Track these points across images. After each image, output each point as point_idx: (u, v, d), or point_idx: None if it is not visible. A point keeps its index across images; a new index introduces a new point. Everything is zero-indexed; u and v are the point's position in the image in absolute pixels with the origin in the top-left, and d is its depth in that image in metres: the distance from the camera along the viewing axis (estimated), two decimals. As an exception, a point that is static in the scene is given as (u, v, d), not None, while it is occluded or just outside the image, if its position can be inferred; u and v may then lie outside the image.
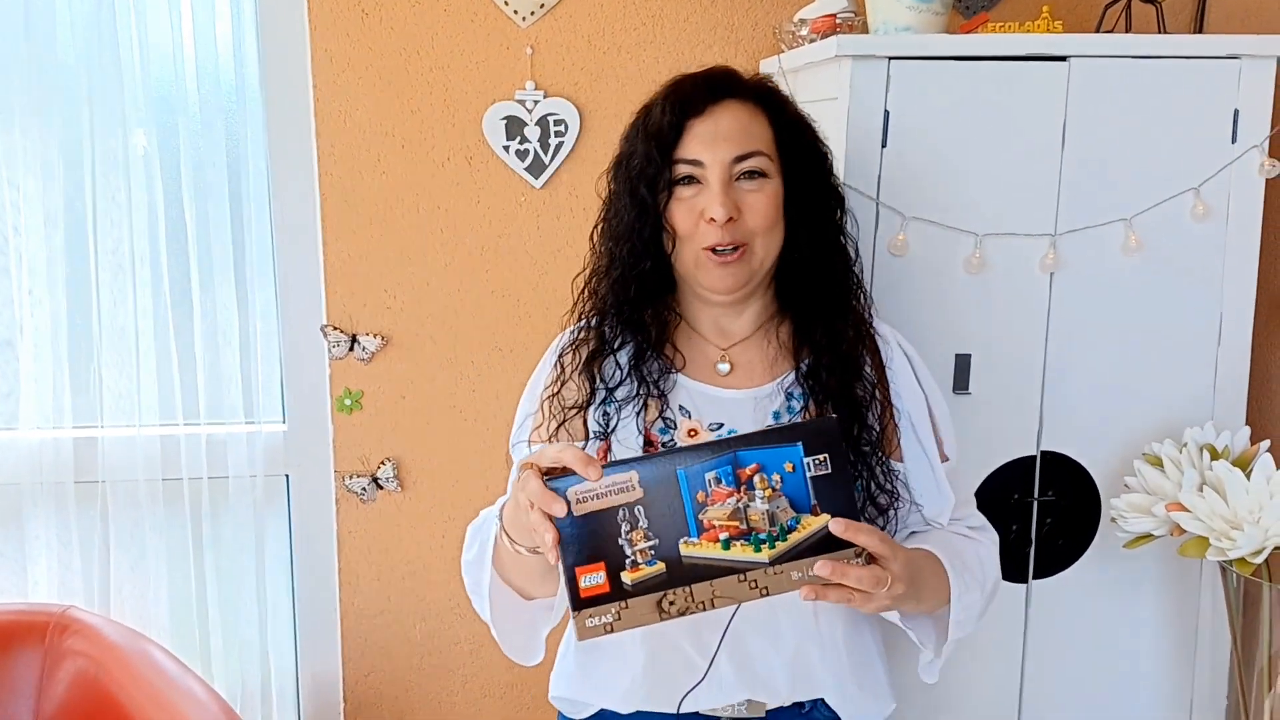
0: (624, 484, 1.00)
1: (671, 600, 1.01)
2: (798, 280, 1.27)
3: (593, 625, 1.01)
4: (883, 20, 1.63)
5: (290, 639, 2.12)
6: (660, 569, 1.01)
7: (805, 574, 1.03)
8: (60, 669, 1.74)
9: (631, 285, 1.25)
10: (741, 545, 1.02)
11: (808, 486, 1.03)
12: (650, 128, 1.23)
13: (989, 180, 1.61)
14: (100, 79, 1.89)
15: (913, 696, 1.72)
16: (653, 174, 1.21)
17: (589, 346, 1.28)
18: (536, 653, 1.27)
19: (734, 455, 1.02)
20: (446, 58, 1.95)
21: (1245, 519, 1.43)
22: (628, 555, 1.01)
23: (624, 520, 1.00)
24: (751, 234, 1.21)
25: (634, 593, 1.01)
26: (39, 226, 1.90)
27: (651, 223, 1.22)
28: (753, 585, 1.02)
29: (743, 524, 1.02)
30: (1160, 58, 1.60)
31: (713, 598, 1.02)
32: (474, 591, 1.22)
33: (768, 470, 1.02)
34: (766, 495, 1.02)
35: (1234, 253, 1.65)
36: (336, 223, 1.97)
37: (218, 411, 1.99)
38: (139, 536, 1.99)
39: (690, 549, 1.01)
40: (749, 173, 1.21)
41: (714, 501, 1.02)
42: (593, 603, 1.00)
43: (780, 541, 1.02)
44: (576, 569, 1.00)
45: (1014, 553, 1.70)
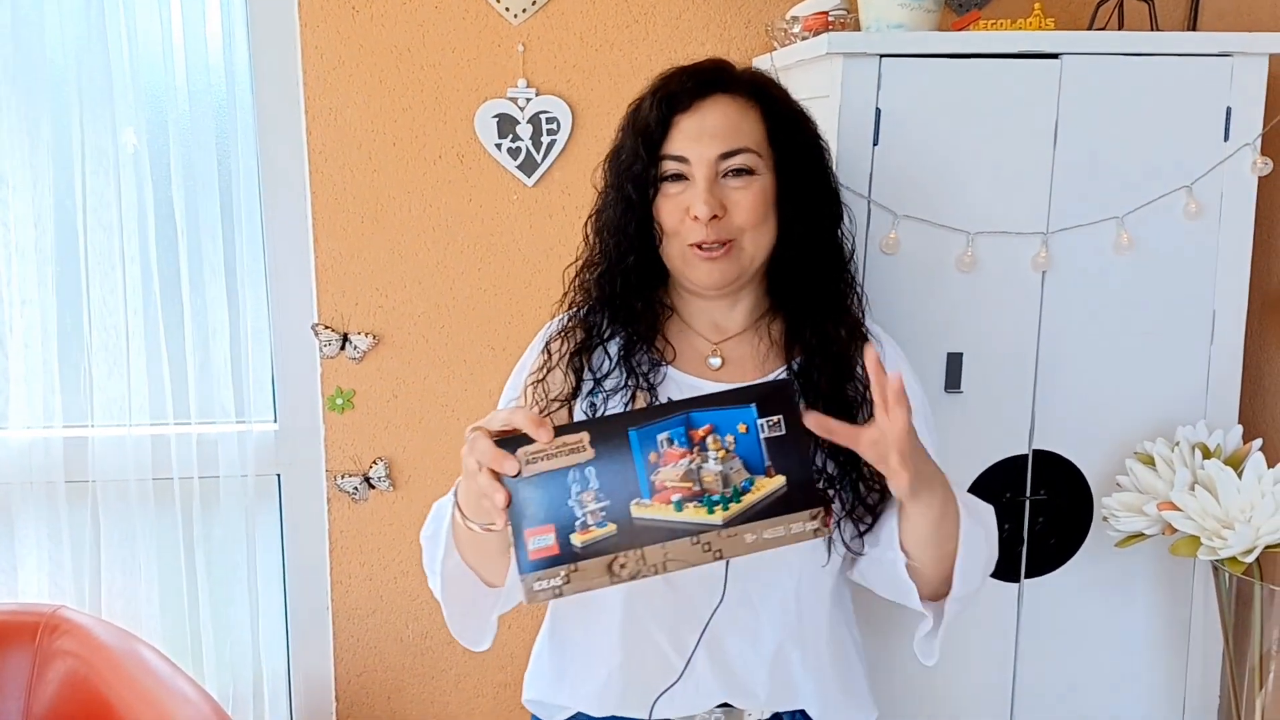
0: (575, 444, 0.99)
1: (623, 563, 0.99)
2: (790, 277, 1.26)
3: (541, 589, 0.99)
4: (874, 17, 1.63)
5: (282, 639, 2.12)
6: (611, 530, 0.99)
7: (759, 536, 1.01)
8: (50, 669, 1.74)
9: (617, 280, 1.24)
10: (694, 507, 1.00)
11: (761, 448, 1.01)
12: (639, 123, 1.23)
13: (981, 178, 1.60)
14: (90, 77, 1.88)
15: (906, 694, 1.72)
16: (640, 170, 1.21)
17: (578, 336, 1.27)
18: (486, 637, 1.25)
19: (687, 416, 1.00)
20: (438, 55, 1.94)
21: (1237, 518, 1.43)
22: (578, 517, 0.99)
23: (574, 481, 0.99)
24: (739, 230, 1.20)
25: (584, 555, 0.99)
26: (28, 225, 1.90)
27: (638, 219, 1.22)
28: (706, 548, 1.01)
29: (696, 485, 1.00)
30: (1152, 55, 1.59)
31: (665, 560, 1.00)
32: (428, 568, 1.20)
33: (721, 431, 1.01)
34: (720, 456, 1.01)
35: (1226, 251, 1.64)
36: (327, 221, 1.97)
37: (208, 411, 1.99)
38: (130, 536, 1.98)
39: (642, 510, 1.00)
40: (736, 170, 1.20)
41: (666, 462, 1.00)
42: (542, 565, 0.98)
43: (734, 503, 1.01)
44: (525, 531, 0.98)
45: (1006, 552, 1.69)
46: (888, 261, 1.61)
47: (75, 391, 1.96)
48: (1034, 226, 1.62)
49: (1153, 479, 1.53)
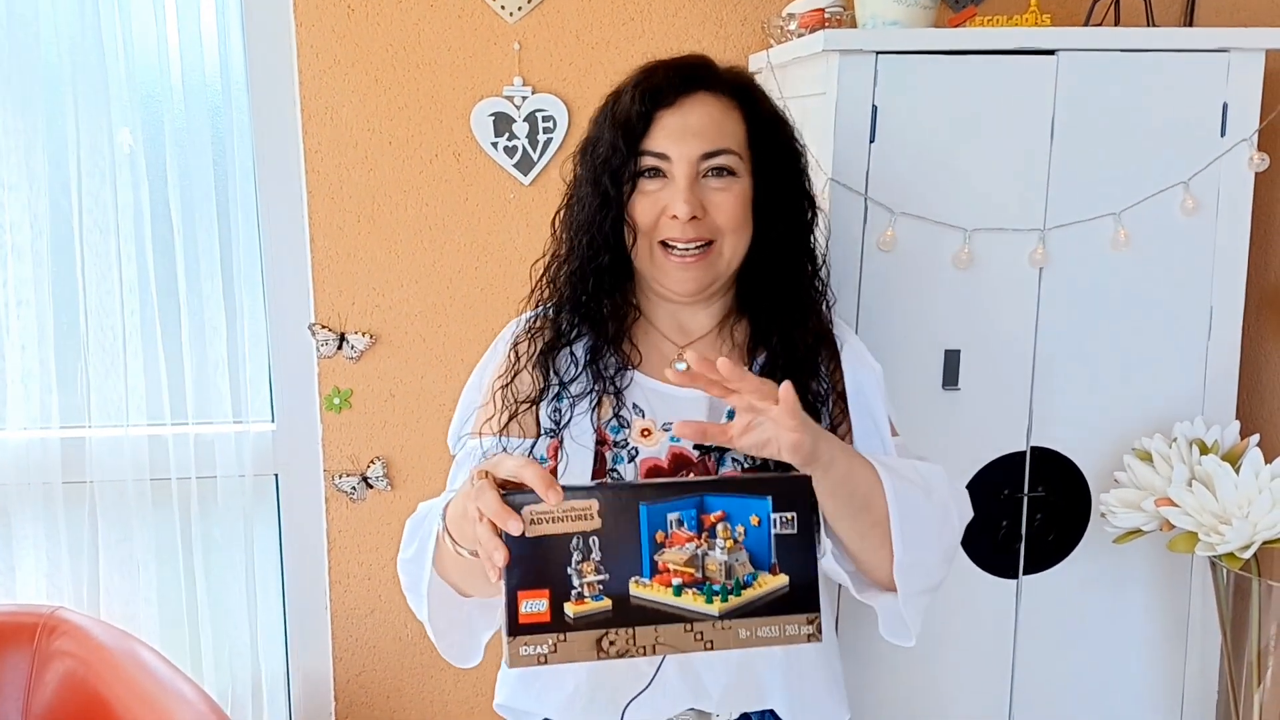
0: (583, 511, 0.97)
1: (612, 640, 0.97)
2: (761, 281, 1.23)
3: (526, 654, 0.96)
4: (870, 15, 1.63)
5: (280, 639, 2.12)
6: (606, 605, 0.97)
7: (753, 634, 0.99)
8: (49, 670, 1.73)
9: (589, 279, 1.21)
10: (694, 594, 0.98)
11: (770, 544, 0.99)
12: (619, 115, 1.19)
13: (978, 175, 1.60)
14: (85, 77, 1.87)
15: (904, 690, 1.72)
16: (618, 164, 1.17)
17: (544, 336, 1.24)
18: (475, 654, 1.23)
19: (700, 499, 0.99)
20: (433, 54, 1.94)
21: (1234, 514, 1.43)
22: (574, 586, 0.96)
23: (576, 549, 0.96)
24: (719, 231, 1.18)
25: (575, 626, 0.97)
26: (24, 225, 1.89)
27: (614, 215, 1.18)
28: (698, 637, 0.99)
29: (698, 572, 0.98)
30: (1149, 51, 1.59)
31: (655, 643, 0.98)
32: (410, 590, 1.18)
33: (732, 520, 0.99)
34: (727, 546, 0.99)
35: (1223, 247, 1.64)
36: (324, 220, 1.97)
37: (206, 411, 1.99)
38: (128, 537, 1.98)
39: (640, 589, 0.98)
40: (717, 170, 1.17)
41: (673, 544, 0.98)
42: (530, 630, 0.96)
43: (734, 596, 0.99)
44: (519, 592, 0.96)
45: (1004, 548, 1.70)
46: (885, 259, 1.61)
47: (72, 392, 1.95)
48: (1031, 223, 1.61)
49: (1150, 475, 1.53)
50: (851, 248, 1.61)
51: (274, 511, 2.08)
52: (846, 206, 1.59)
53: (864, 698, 1.72)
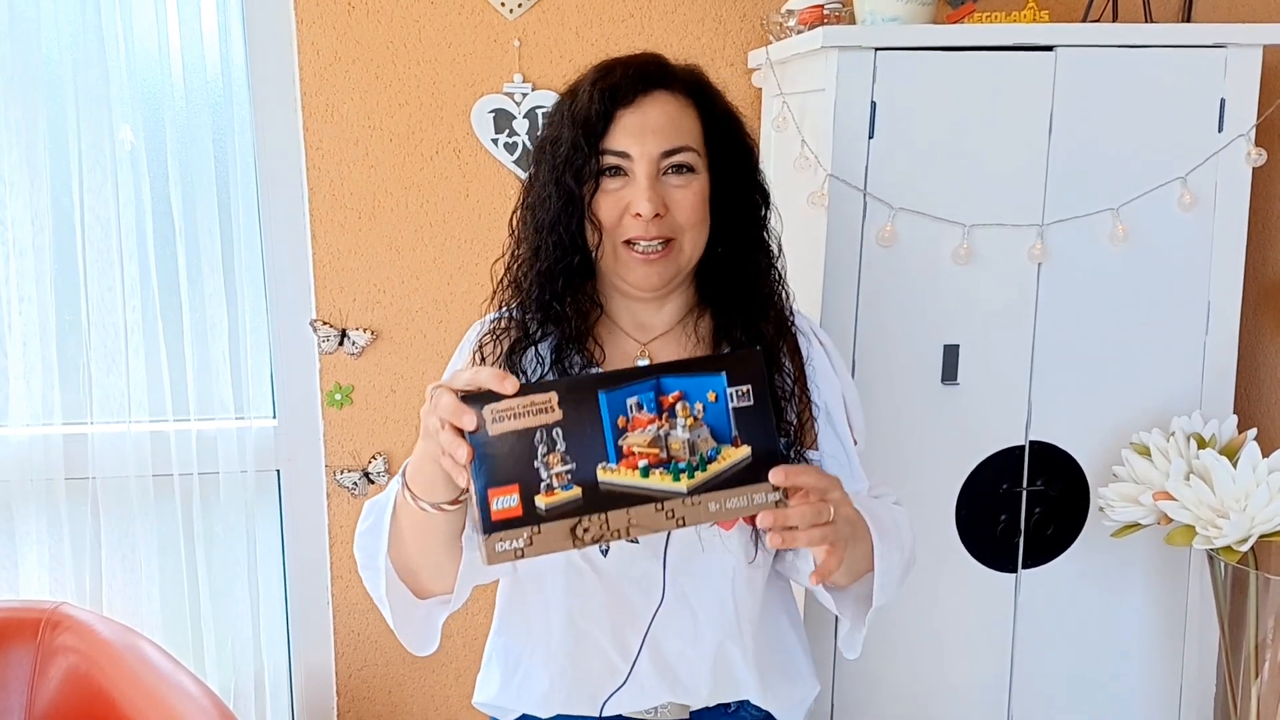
0: (543, 404, 0.97)
1: (586, 527, 0.98)
2: (719, 275, 1.25)
3: (503, 550, 0.97)
4: (869, 11, 1.63)
5: (283, 634, 2.12)
6: (576, 494, 0.98)
7: (722, 506, 1.01)
8: (52, 666, 1.74)
9: (559, 279, 1.21)
10: (660, 474, 1.00)
11: (730, 417, 1.01)
12: (578, 114, 1.19)
13: (976, 171, 1.61)
14: (86, 74, 1.88)
15: (904, 683, 1.73)
16: (579, 164, 1.17)
17: (510, 337, 1.25)
18: (431, 641, 1.23)
19: (657, 382, 1.00)
20: (434, 51, 1.94)
21: (1232, 507, 1.43)
22: (543, 479, 0.97)
23: (541, 443, 0.97)
24: (680, 229, 1.18)
25: (548, 517, 0.97)
26: (26, 222, 1.89)
27: (578, 215, 1.19)
28: (670, 515, 1.00)
29: (663, 452, 0.99)
30: (1147, 47, 1.60)
31: (628, 525, 0.99)
32: (366, 566, 1.17)
33: (690, 399, 1.00)
34: (688, 424, 1.00)
35: (1221, 242, 1.65)
36: (325, 217, 1.97)
37: (208, 407, 1.99)
38: (130, 533, 1.99)
39: (608, 475, 0.99)
40: (676, 167, 1.18)
41: (634, 428, 0.99)
42: (504, 526, 0.97)
43: (700, 471, 1.00)
44: (489, 490, 0.96)
45: (1003, 542, 1.71)
46: (884, 254, 1.61)
47: (74, 388, 1.96)
48: (1030, 219, 1.62)
49: (1148, 469, 1.54)
50: (851, 243, 1.61)
51: (276, 507, 2.09)
52: (846, 202, 1.60)
53: (863, 691, 1.73)
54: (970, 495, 1.69)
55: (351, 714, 2.13)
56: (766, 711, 1.31)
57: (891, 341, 1.63)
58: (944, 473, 1.68)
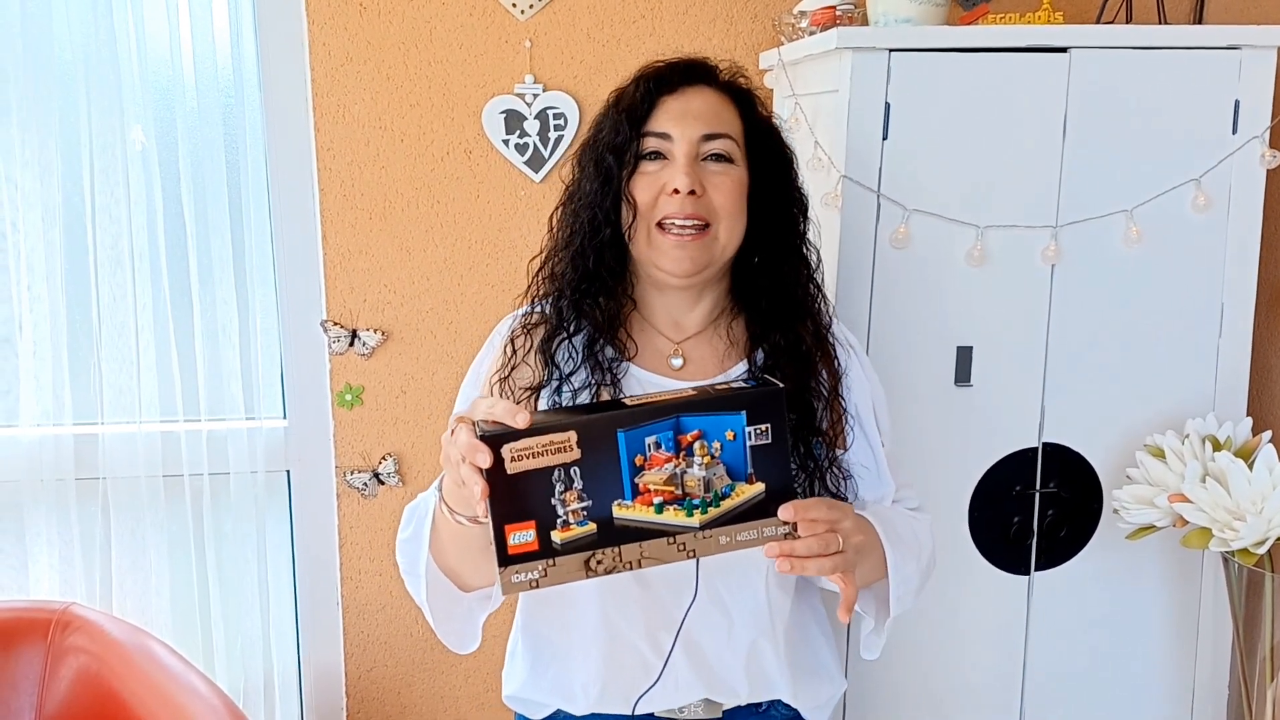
0: (562, 444, 0.99)
1: (599, 559, 1.01)
2: (754, 278, 1.25)
3: (518, 581, 1.00)
4: (883, 12, 1.63)
5: (292, 634, 2.12)
6: (591, 530, 1.01)
7: (732, 539, 1.03)
8: (63, 666, 1.74)
9: (591, 256, 1.22)
10: (675, 510, 1.02)
11: (746, 455, 1.02)
12: (623, 102, 1.22)
13: (990, 172, 1.61)
14: (98, 74, 1.88)
15: (917, 684, 1.73)
16: (620, 143, 1.20)
17: (543, 329, 1.26)
18: (473, 640, 1.25)
19: (676, 420, 1.01)
20: (445, 51, 1.94)
21: (1248, 510, 1.43)
22: (559, 515, 1.00)
23: (559, 480, 0.99)
24: (716, 213, 1.19)
25: (563, 551, 1.00)
26: (37, 223, 1.90)
27: (614, 192, 1.20)
28: (681, 548, 1.02)
29: (678, 489, 1.02)
30: (1161, 49, 1.59)
31: (640, 558, 1.02)
32: (408, 572, 1.20)
33: (709, 438, 1.02)
34: (705, 462, 1.02)
35: (1235, 244, 1.65)
36: (336, 217, 1.97)
37: (218, 408, 1.99)
38: (140, 533, 1.99)
39: (623, 511, 1.01)
40: (716, 155, 1.20)
41: (652, 466, 1.01)
42: (520, 559, 0.99)
43: (713, 507, 1.02)
44: (506, 526, 0.99)
45: (1016, 544, 1.70)
46: (898, 255, 1.61)
47: (85, 389, 1.96)
48: (1043, 220, 1.62)
49: (1163, 471, 1.53)
50: (864, 245, 1.61)
51: (286, 508, 2.09)
52: (859, 203, 1.60)
53: (877, 693, 1.72)
54: (983, 497, 1.68)
55: (361, 714, 2.13)
56: (795, 710, 1.31)
57: (905, 343, 1.63)
58: (957, 474, 1.68)
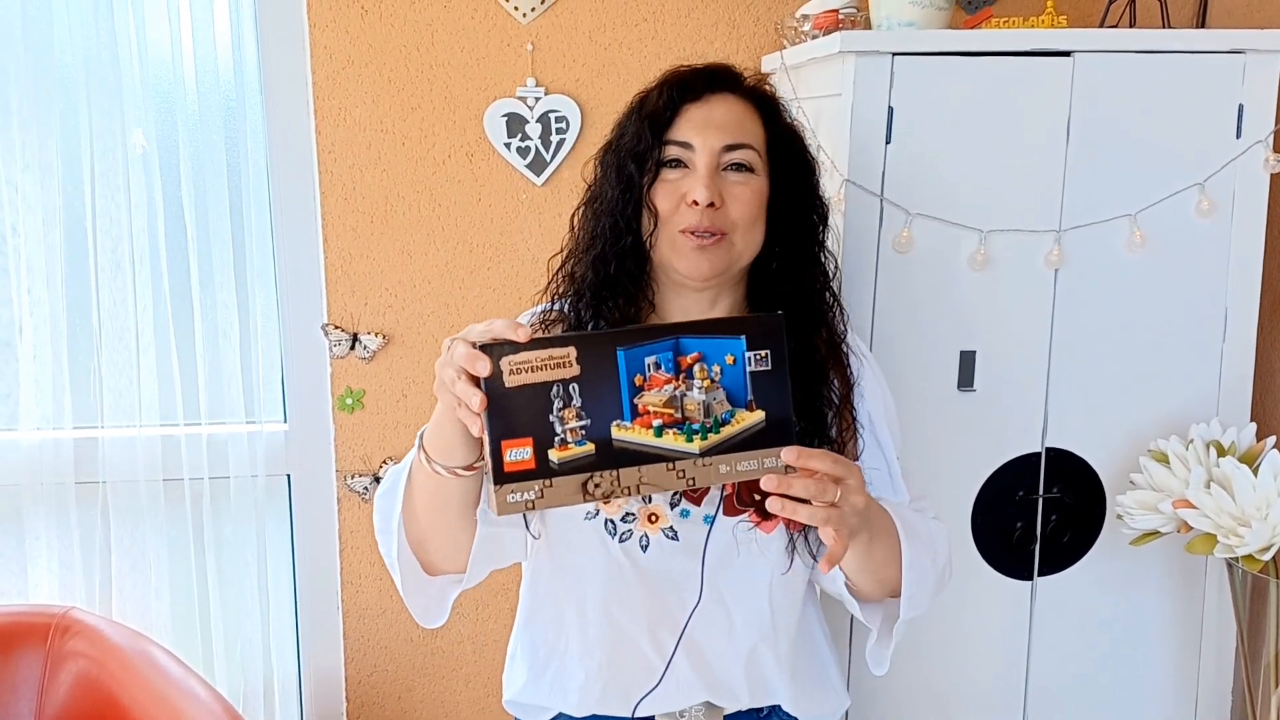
0: (561, 359, 0.97)
1: (597, 483, 0.99)
2: (771, 285, 1.25)
3: (514, 501, 0.97)
4: (886, 16, 1.63)
5: (292, 639, 2.12)
6: (589, 450, 0.98)
7: (732, 468, 1.01)
8: (62, 670, 1.73)
9: (612, 262, 1.22)
10: (674, 434, 1.00)
11: (746, 381, 1.01)
12: (646, 108, 1.22)
13: (993, 176, 1.60)
14: (99, 77, 1.88)
15: (920, 690, 1.72)
16: (642, 151, 1.20)
17: (560, 328, 1.26)
18: (440, 615, 1.24)
19: (676, 342, 1.00)
20: (447, 54, 1.94)
21: (1253, 515, 1.42)
22: (557, 433, 0.97)
23: (557, 397, 0.97)
24: (733, 225, 1.19)
25: (560, 471, 0.98)
26: (38, 226, 1.89)
27: (635, 200, 1.20)
28: (680, 475, 1.01)
29: (678, 412, 1.00)
30: (1164, 53, 1.59)
31: (639, 483, 1.00)
32: (382, 530, 1.18)
33: (708, 360, 1.01)
34: (705, 386, 1.00)
35: (1239, 248, 1.64)
36: (337, 221, 1.97)
37: (218, 411, 1.99)
38: (140, 537, 1.98)
39: (622, 432, 0.99)
40: (737, 165, 1.19)
41: (651, 387, 1.00)
42: (516, 478, 0.97)
43: (713, 434, 1.01)
44: (503, 442, 0.96)
45: (1019, 550, 1.70)
46: (901, 259, 1.61)
47: (85, 392, 1.96)
48: (1047, 224, 1.61)
49: (1167, 477, 1.53)
50: (867, 249, 1.61)
51: (286, 512, 2.08)
52: (862, 207, 1.59)
53: (878, 699, 1.72)
54: (986, 502, 1.68)
55: (361, 719, 2.12)
56: (794, 718, 1.30)
57: (908, 347, 1.63)
58: (960, 479, 1.67)
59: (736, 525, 1.22)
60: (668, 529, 1.21)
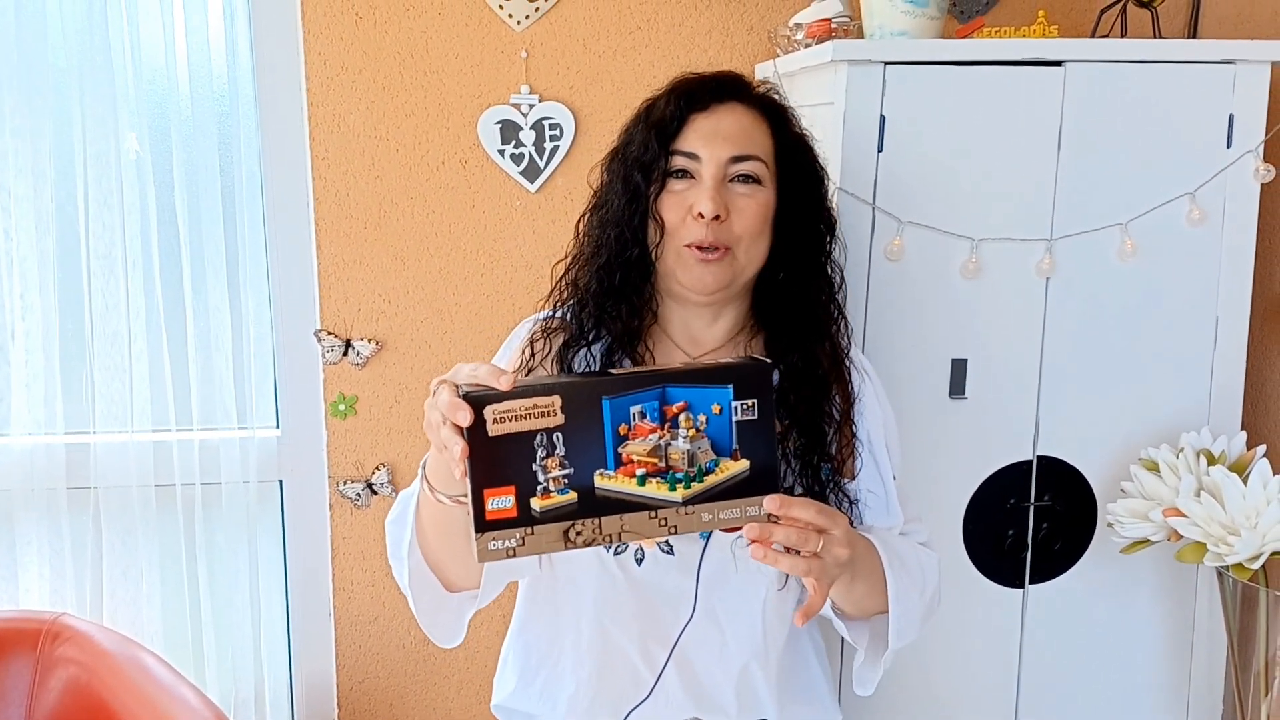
0: (546, 408, 0.97)
1: (579, 530, 0.99)
2: (776, 297, 1.25)
3: (495, 548, 0.97)
4: (878, 25, 1.63)
5: (284, 646, 2.11)
6: (572, 499, 0.98)
7: (715, 516, 1.01)
8: (53, 677, 1.73)
9: (617, 273, 1.21)
10: (657, 482, 1.00)
11: (732, 430, 1.01)
12: (653, 117, 1.22)
13: (985, 185, 1.61)
14: (92, 82, 1.88)
15: (909, 700, 1.72)
16: (649, 161, 1.19)
17: (563, 335, 1.25)
18: (458, 634, 1.24)
19: (663, 391, 0.99)
20: (441, 61, 1.94)
21: (1242, 524, 1.43)
22: (540, 482, 0.97)
23: (540, 446, 0.97)
24: (737, 239, 1.19)
25: (542, 519, 0.98)
26: (30, 230, 1.89)
27: (641, 211, 1.20)
28: (662, 523, 1.00)
29: (661, 461, 1.00)
30: (1155, 63, 1.60)
31: (621, 531, 1.00)
32: (393, 556, 1.18)
33: (694, 410, 1.00)
34: (690, 435, 1.00)
35: (1229, 258, 1.65)
36: (330, 227, 1.97)
37: (211, 417, 1.99)
38: (131, 543, 1.98)
39: (605, 481, 0.99)
40: (744, 176, 1.19)
41: (636, 436, 0.99)
42: (498, 526, 0.97)
43: (696, 482, 1.00)
44: (485, 490, 0.96)
45: (1010, 558, 1.70)
46: (892, 268, 1.61)
47: (77, 398, 1.95)
48: (1038, 233, 1.62)
49: (1158, 485, 1.53)
50: (859, 257, 1.61)
51: (278, 518, 2.08)
52: (854, 216, 1.60)
53: (868, 708, 1.72)
54: (977, 510, 1.68)
55: (352, 726, 2.12)
56: None
57: (899, 355, 1.63)
58: (951, 487, 1.68)
59: (734, 542, 1.21)
60: (663, 544, 1.21)
